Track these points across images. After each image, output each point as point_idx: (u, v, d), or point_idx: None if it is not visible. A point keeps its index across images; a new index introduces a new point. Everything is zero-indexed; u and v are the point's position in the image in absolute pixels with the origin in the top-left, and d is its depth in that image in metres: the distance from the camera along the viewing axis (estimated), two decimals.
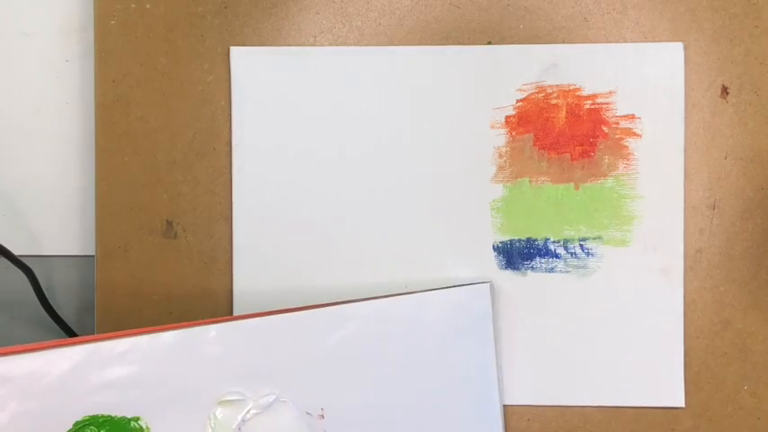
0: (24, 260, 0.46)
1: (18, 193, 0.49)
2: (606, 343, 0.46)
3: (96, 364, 0.38)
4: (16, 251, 0.46)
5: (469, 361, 0.45)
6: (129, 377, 0.38)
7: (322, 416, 0.42)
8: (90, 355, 0.37)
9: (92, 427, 0.37)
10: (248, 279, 0.46)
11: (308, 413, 0.41)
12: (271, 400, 0.41)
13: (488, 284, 0.45)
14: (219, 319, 0.40)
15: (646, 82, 0.46)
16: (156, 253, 0.47)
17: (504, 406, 0.46)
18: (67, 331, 0.49)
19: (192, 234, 0.47)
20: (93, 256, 0.47)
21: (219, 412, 0.40)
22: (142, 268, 0.47)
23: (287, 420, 0.41)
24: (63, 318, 0.49)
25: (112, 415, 0.38)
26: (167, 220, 0.47)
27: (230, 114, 0.46)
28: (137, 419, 0.38)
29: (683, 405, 0.46)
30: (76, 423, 0.37)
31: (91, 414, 0.37)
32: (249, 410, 0.40)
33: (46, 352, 0.37)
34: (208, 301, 0.46)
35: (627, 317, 0.46)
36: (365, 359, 0.43)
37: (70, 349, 0.37)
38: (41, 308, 0.48)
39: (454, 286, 0.45)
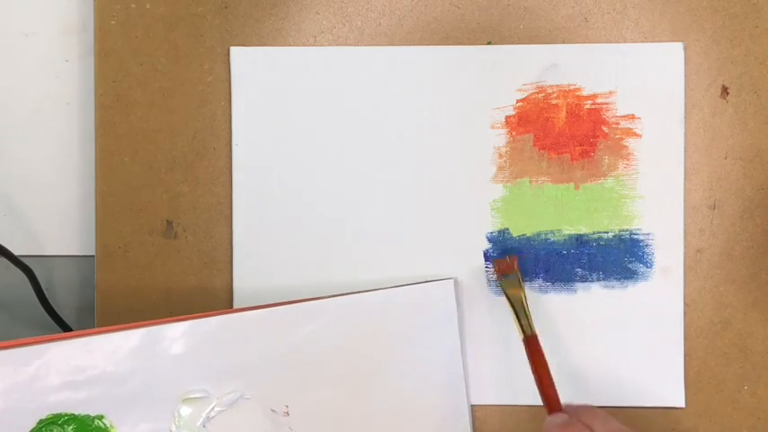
0: (24, 260, 0.46)
1: (18, 193, 0.49)
2: (606, 343, 0.46)
3: (60, 363, 0.37)
4: (16, 251, 0.46)
5: (435, 356, 0.45)
6: (93, 375, 0.38)
7: (287, 413, 0.42)
8: (54, 353, 0.37)
9: (55, 425, 0.37)
10: (248, 279, 0.46)
11: (272, 410, 0.41)
12: (235, 397, 0.41)
13: (452, 280, 0.45)
14: (184, 317, 0.40)
15: (646, 82, 0.46)
16: (156, 253, 0.47)
17: (505, 406, 0.46)
18: (67, 331, 0.49)
19: (192, 234, 0.47)
20: (93, 256, 0.47)
21: (184, 410, 0.40)
22: (142, 268, 0.47)
23: (251, 417, 0.41)
24: (63, 318, 0.49)
25: (76, 413, 0.38)
26: (167, 220, 0.47)
27: (230, 114, 0.46)
28: (101, 417, 0.38)
29: (683, 405, 0.46)
30: (40, 421, 0.37)
31: (55, 412, 0.37)
32: (213, 408, 0.40)
33: (9, 351, 0.37)
34: (208, 300, 0.46)
35: (627, 317, 0.46)
36: (330, 356, 0.43)
37: (33, 348, 0.37)
38: (41, 308, 0.48)
39: (418, 282, 0.45)
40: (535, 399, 0.46)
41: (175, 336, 0.40)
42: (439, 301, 0.45)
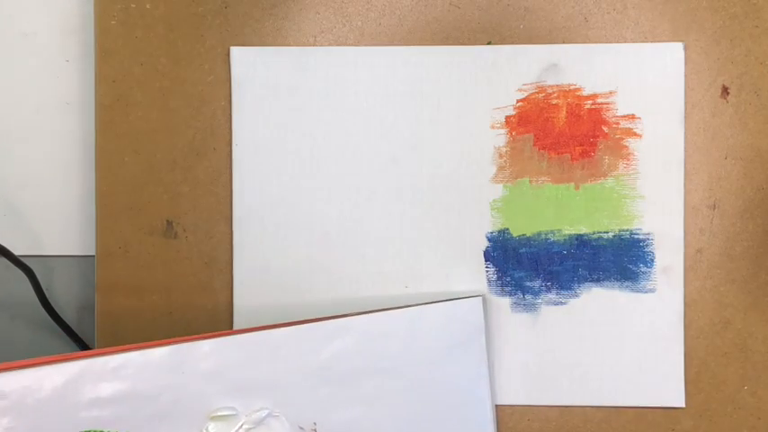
0: (24, 260, 0.46)
1: (18, 193, 0.49)
2: (606, 343, 0.46)
3: (89, 380, 0.38)
4: (16, 251, 0.46)
5: (462, 374, 0.45)
6: (121, 393, 0.38)
7: (314, 430, 0.42)
8: (83, 370, 0.38)
9: None
10: (248, 279, 0.46)
11: (300, 428, 0.41)
12: (263, 415, 0.41)
13: (481, 298, 0.45)
14: (213, 334, 0.41)
15: (646, 82, 0.46)
16: (156, 253, 0.47)
17: (504, 406, 0.46)
18: (67, 331, 0.49)
19: (192, 234, 0.47)
20: (93, 256, 0.47)
21: (212, 427, 0.40)
22: (142, 268, 0.47)
23: None
24: (63, 318, 0.49)
25: (105, 430, 0.38)
26: (167, 220, 0.47)
27: (230, 114, 0.46)
28: None
29: (683, 405, 0.46)
30: None
31: (83, 429, 0.38)
32: (242, 425, 0.40)
33: (39, 368, 0.37)
34: (208, 300, 0.46)
35: (627, 317, 0.46)
36: (358, 373, 0.43)
37: (63, 365, 0.37)
38: (41, 308, 0.48)
39: (448, 300, 0.45)
40: (534, 399, 0.46)
41: (204, 353, 0.40)
42: (467, 319, 0.45)
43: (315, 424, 0.42)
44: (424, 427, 0.44)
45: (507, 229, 0.46)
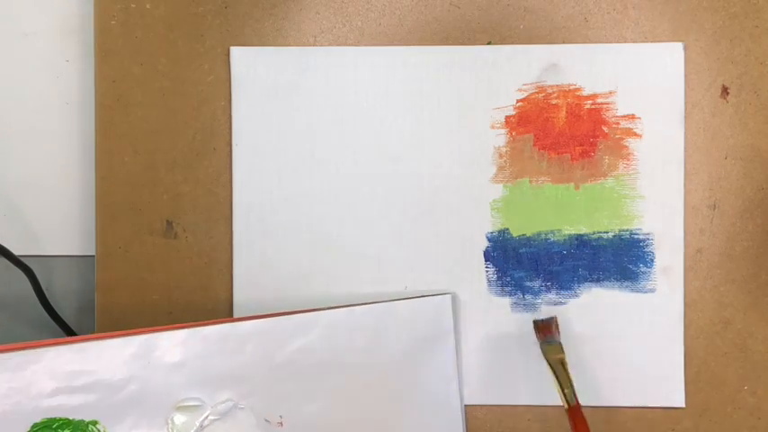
0: (24, 260, 0.46)
1: (18, 193, 0.49)
2: (606, 343, 0.46)
3: (56, 368, 0.38)
4: (16, 251, 0.46)
5: (430, 371, 0.45)
6: (88, 381, 0.38)
7: (281, 423, 0.42)
8: (50, 358, 0.37)
9: (50, 429, 0.37)
10: (248, 279, 0.46)
11: (266, 420, 0.41)
12: (229, 406, 0.41)
13: (450, 296, 0.45)
14: (179, 325, 0.41)
15: (646, 82, 0.46)
16: (156, 253, 0.47)
17: (505, 406, 0.46)
18: (67, 331, 0.49)
19: (192, 234, 0.47)
20: (93, 256, 0.47)
21: (178, 418, 0.40)
22: (142, 268, 0.47)
23: (245, 427, 0.41)
24: (63, 318, 0.49)
25: (70, 418, 0.38)
26: (167, 220, 0.47)
27: (230, 114, 0.46)
28: (95, 423, 0.38)
29: (683, 405, 0.46)
30: (34, 425, 0.37)
31: (48, 417, 0.37)
32: (207, 416, 0.40)
33: (5, 355, 0.37)
34: (208, 300, 0.46)
35: (627, 317, 0.46)
36: (325, 367, 0.43)
37: (29, 352, 0.37)
38: (41, 308, 0.48)
39: (416, 297, 0.45)
40: (534, 399, 0.46)
41: (171, 344, 0.40)
42: (436, 317, 0.45)
43: (281, 417, 0.42)
44: (390, 422, 0.44)
45: (507, 229, 0.46)
